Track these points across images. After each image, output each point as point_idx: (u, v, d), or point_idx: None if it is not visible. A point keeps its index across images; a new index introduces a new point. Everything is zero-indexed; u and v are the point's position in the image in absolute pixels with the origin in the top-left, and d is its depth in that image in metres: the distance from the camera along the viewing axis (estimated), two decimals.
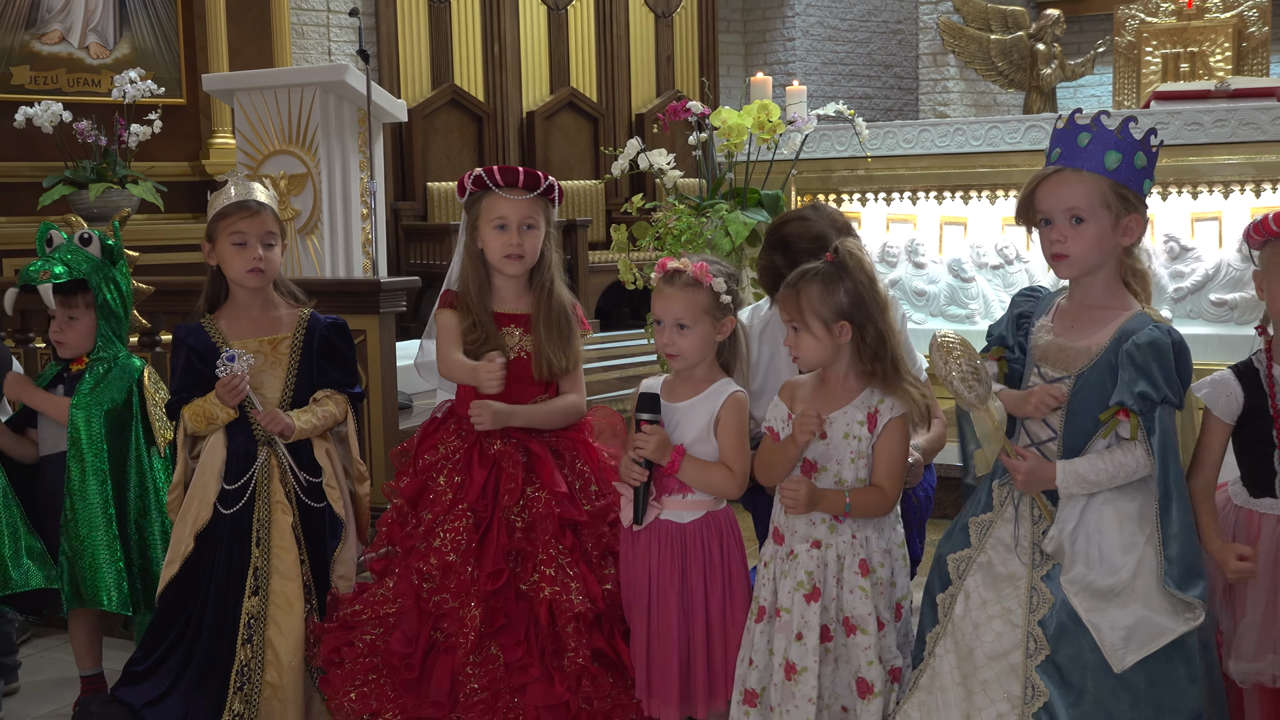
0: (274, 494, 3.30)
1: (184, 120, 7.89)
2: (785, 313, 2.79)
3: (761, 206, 5.25)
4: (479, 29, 9.43)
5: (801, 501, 2.70)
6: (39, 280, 3.46)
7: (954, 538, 2.73)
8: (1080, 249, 2.57)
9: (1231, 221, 5.23)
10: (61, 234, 3.53)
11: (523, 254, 3.15)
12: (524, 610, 3.04)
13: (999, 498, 2.68)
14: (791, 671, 2.73)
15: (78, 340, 3.53)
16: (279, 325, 3.39)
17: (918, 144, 5.64)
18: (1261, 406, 2.60)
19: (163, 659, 3.29)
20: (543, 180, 3.14)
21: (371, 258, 5.66)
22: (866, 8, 11.91)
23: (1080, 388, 2.56)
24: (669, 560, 2.94)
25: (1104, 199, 2.55)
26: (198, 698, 3.21)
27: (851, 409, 2.78)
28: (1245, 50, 10.05)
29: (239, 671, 3.21)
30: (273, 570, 3.27)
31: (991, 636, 2.57)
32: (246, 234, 3.30)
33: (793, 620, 2.75)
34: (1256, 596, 2.60)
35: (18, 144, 7.06)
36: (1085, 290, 2.64)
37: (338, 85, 5.51)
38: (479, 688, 3.03)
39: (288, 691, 3.21)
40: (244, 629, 3.23)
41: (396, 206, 8.80)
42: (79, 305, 3.51)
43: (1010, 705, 2.52)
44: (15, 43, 7.35)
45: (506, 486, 3.08)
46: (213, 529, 3.26)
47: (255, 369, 3.27)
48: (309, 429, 3.29)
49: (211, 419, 3.27)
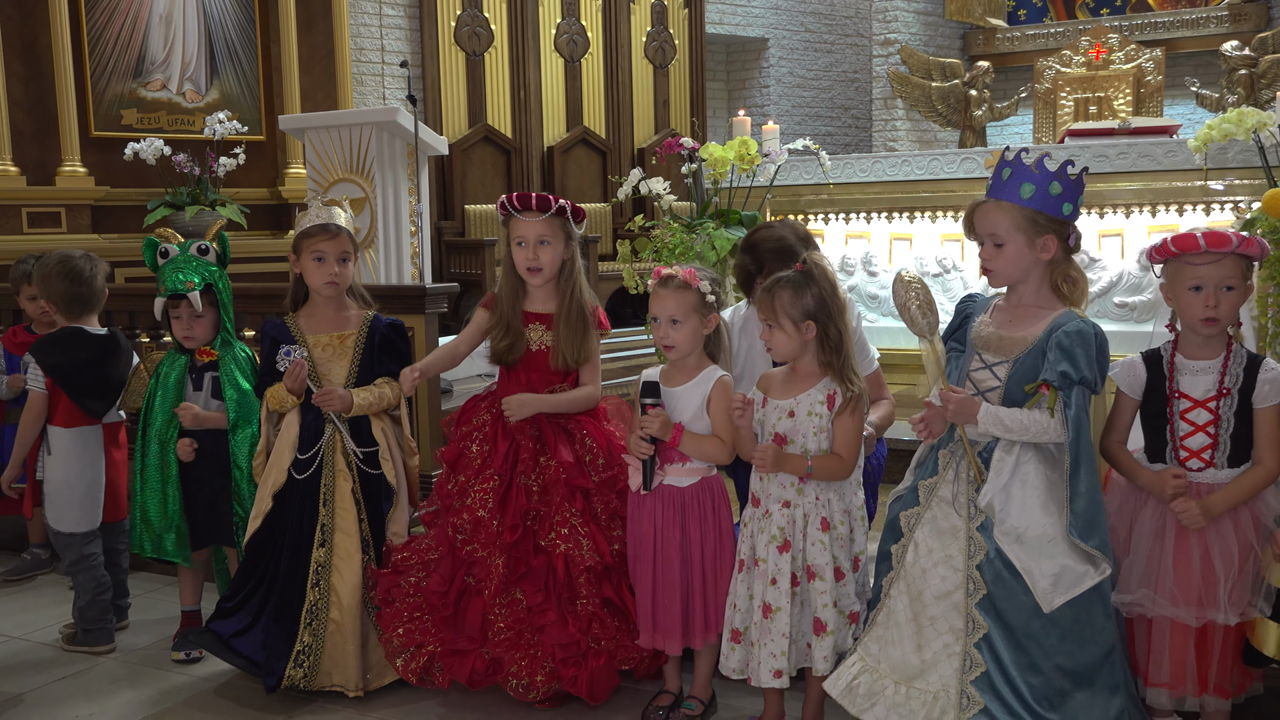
0: (337, 463, 3.31)
1: (263, 154, 7.89)
2: (762, 313, 2.80)
3: (742, 225, 5.24)
4: (508, 78, 9.42)
5: (769, 462, 2.73)
6: (186, 290, 3.47)
7: (905, 499, 2.73)
8: (1001, 265, 2.63)
9: (1132, 237, 5.22)
10: (174, 246, 3.52)
11: (540, 266, 3.14)
12: (543, 563, 3.05)
13: (943, 463, 2.68)
14: (768, 611, 2.74)
15: (204, 333, 3.56)
16: (348, 324, 3.40)
17: (871, 173, 5.64)
18: (1160, 387, 2.61)
19: (247, 598, 3.32)
20: (553, 203, 3.11)
21: (418, 267, 5.65)
22: (829, 60, 11.89)
23: (1016, 370, 2.58)
24: (671, 518, 2.95)
25: (1019, 225, 2.58)
26: (275, 629, 3.24)
27: (814, 391, 2.79)
28: (1143, 95, 10.04)
29: (308, 610, 3.23)
30: (336, 527, 3.28)
31: (937, 580, 2.58)
32: (326, 252, 3.31)
33: (768, 569, 2.76)
34: (1140, 541, 2.61)
35: (127, 173, 7.07)
36: (1019, 294, 2.67)
37: (390, 124, 5.50)
38: (504, 626, 3.05)
39: (348, 627, 3.22)
40: (312, 574, 3.25)
41: (439, 225, 8.79)
42: (206, 304, 3.53)
43: (954, 636, 2.53)
44: (125, 90, 7.36)
45: (522, 456, 3.09)
46: (288, 490, 3.28)
47: (324, 360, 3.28)
48: (364, 405, 3.29)
49: (282, 401, 3.29)
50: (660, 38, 10.33)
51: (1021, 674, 2.46)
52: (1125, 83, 10.00)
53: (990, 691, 2.45)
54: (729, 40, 11.38)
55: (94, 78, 7.25)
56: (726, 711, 3.10)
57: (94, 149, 7.17)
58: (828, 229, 5.76)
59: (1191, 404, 2.58)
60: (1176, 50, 10.39)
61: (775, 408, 2.82)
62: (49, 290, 3.69)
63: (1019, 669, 2.47)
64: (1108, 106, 10.01)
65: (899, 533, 2.69)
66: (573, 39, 9.79)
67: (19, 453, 3.69)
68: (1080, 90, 10.18)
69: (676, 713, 3.04)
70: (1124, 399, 2.69)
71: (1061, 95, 10.26)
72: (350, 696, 3.23)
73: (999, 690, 2.45)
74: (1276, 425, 2.53)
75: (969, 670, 2.48)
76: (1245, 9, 10.23)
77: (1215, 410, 2.55)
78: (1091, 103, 10.09)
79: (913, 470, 2.77)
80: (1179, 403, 2.59)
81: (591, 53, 9.91)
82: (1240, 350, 2.58)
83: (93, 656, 3.64)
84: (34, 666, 3.58)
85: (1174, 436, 2.59)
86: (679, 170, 5.39)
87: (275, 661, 3.20)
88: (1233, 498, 2.52)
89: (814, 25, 11.76)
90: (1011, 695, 2.44)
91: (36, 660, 3.64)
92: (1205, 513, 2.50)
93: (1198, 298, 2.55)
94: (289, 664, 3.19)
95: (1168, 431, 2.60)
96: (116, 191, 7.20)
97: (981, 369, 2.64)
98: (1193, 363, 2.60)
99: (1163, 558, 2.56)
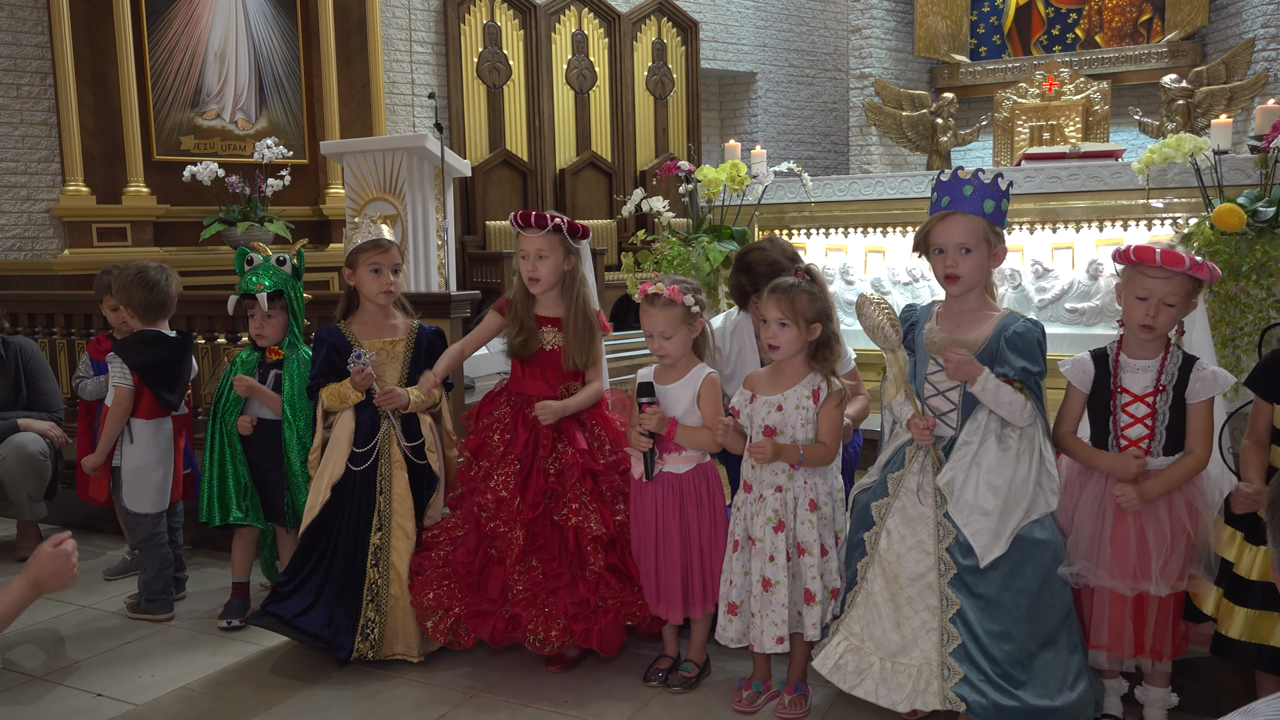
0: (393, 455, 3.28)
1: (306, 175, 7.89)
2: (778, 312, 2.76)
3: (733, 239, 5.24)
4: (524, 107, 9.42)
5: (768, 455, 2.72)
6: (257, 290, 3.50)
7: (873, 490, 2.72)
8: (968, 271, 2.60)
9: (1081, 250, 5.21)
10: (259, 255, 3.57)
11: (538, 277, 3.12)
12: (557, 535, 3.05)
13: (909, 457, 2.68)
14: (768, 585, 2.74)
15: (274, 333, 3.58)
16: (396, 330, 3.39)
17: (849, 193, 5.63)
18: (1106, 382, 2.61)
19: (304, 580, 3.27)
20: (549, 220, 3.09)
21: (444, 276, 5.66)
22: (810, 92, 11.88)
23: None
24: (671, 503, 2.95)
25: (984, 235, 2.57)
26: (339, 607, 3.20)
27: (800, 387, 2.79)
28: (1092, 123, 10.02)
29: (369, 588, 3.20)
30: (393, 512, 3.25)
31: (911, 563, 2.57)
32: (381, 264, 3.30)
33: (765, 547, 2.75)
34: (1083, 518, 2.61)
35: (185, 193, 7.08)
36: (963, 301, 2.66)
37: (419, 149, 5.50)
38: (523, 589, 3.05)
39: (408, 601, 3.20)
40: (371, 556, 3.22)
41: (463, 239, 8.79)
42: (276, 308, 3.55)
43: (931, 614, 2.52)
44: (183, 119, 7.36)
45: (542, 443, 3.09)
46: (345, 482, 3.24)
47: (377, 364, 3.28)
48: (418, 404, 3.28)
49: (344, 398, 3.26)
50: (660, 72, 10.33)
51: (994, 642, 2.45)
52: (1075, 112, 9.99)
53: (968, 661, 2.45)
54: (721, 74, 11.38)
55: (156, 108, 7.25)
56: (719, 674, 3.09)
57: (156, 171, 7.18)
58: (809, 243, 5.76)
59: (1132, 398, 2.57)
60: (1121, 83, 10.38)
61: (764, 403, 2.81)
62: (129, 298, 3.68)
63: (991, 638, 2.46)
64: (1060, 133, 9.99)
65: (870, 521, 2.68)
66: (582, 73, 9.79)
67: (106, 443, 3.68)
68: (1035, 119, 10.16)
69: (675, 674, 3.04)
70: (1074, 392, 2.68)
71: (1018, 123, 10.24)
72: (414, 663, 3.21)
73: (975, 659, 2.44)
74: (1206, 419, 2.53)
75: (947, 643, 2.47)
76: (1183, 46, 10.21)
77: (1153, 405, 2.55)
78: (1045, 130, 10.07)
79: (880, 468, 2.76)
80: (1121, 397, 2.59)
81: (599, 85, 9.91)
82: (1177, 352, 2.58)
83: (155, 624, 3.65)
84: (102, 633, 3.58)
85: (1116, 427, 2.58)
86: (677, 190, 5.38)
87: (343, 636, 3.17)
88: (1167, 483, 2.52)
89: (797, 61, 11.75)
90: (986, 662, 2.44)
91: (105, 627, 3.64)
92: (1141, 496, 2.50)
93: (1141, 306, 2.55)
94: (356, 638, 3.16)
95: (1110, 422, 2.60)
96: (176, 209, 7.22)
97: (938, 371, 2.63)
98: (1135, 361, 2.59)
99: (1102, 534, 2.55)
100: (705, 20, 10.83)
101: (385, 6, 8.52)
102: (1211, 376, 2.52)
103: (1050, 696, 2.42)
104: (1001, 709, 2.39)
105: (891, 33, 11.26)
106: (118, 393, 3.65)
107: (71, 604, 3.85)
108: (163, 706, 3.00)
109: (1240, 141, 8.30)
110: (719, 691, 2.98)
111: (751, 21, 11.29)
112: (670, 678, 3.03)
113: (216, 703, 3.01)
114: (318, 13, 7.80)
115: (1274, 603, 2.37)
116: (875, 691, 2.52)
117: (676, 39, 10.46)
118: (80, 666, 3.29)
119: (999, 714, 2.40)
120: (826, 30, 11.87)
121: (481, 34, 9.14)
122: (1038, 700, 2.40)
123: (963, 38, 11.28)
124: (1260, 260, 3.91)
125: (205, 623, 3.65)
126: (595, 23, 9.87)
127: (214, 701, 3.02)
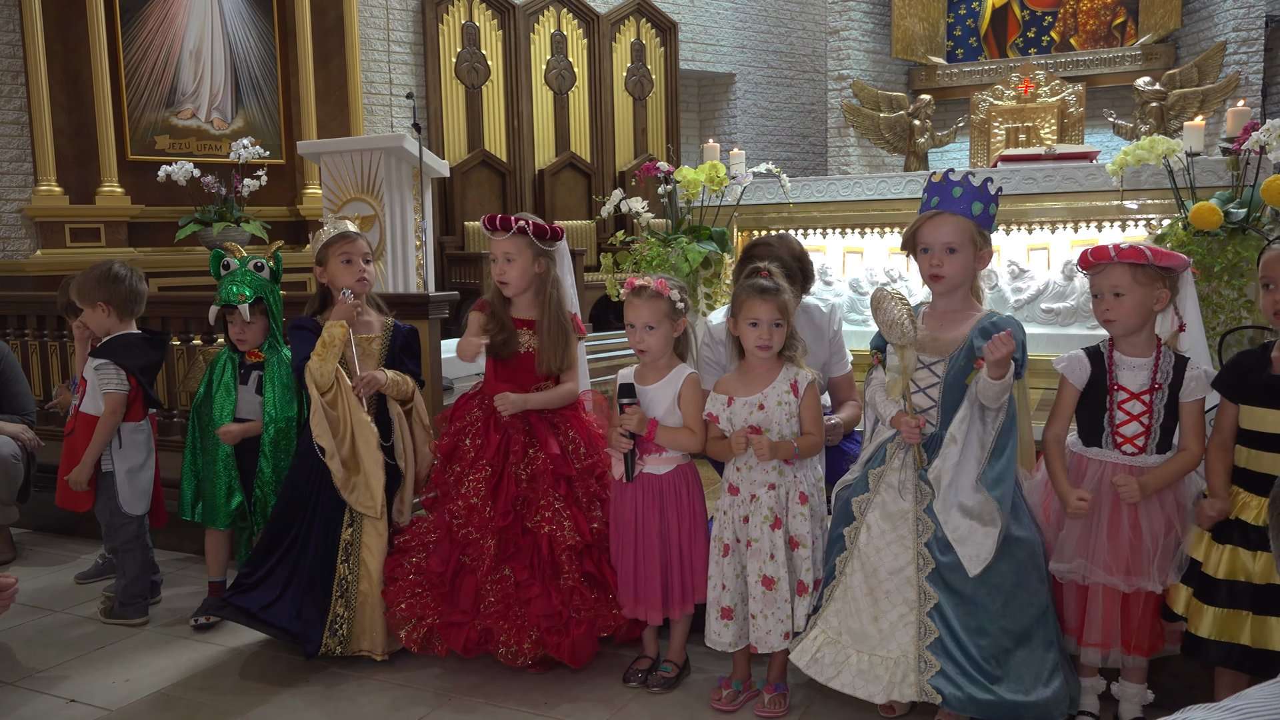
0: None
1: (283, 176, 7.84)
2: (775, 313, 2.77)
3: (712, 239, 5.24)
4: (503, 108, 9.40)
5: (766, 454, 2.73)
6: (238, 302, 3.47)
7: (854, 486, 2.73)
8: (952, 271, 2.61)
9: (1057, 250, 5.25)
10: (235, 260, 3.53)
11: (507, 280, 3.11)
12: (529, 542, 3.02)
13: (890, 453, 2.68)
14: (771, 583, 2.73)
15: (255, 338, 3.56)
16: (370, 327, 3.37)
17: (827, 194, 5.65)
18: (1101, 379, 2.62)
19: (269, 572, 3.25)
20: (514, 223, 3.07)
21: (423, 277, 5.63)
22: (789, 94, 11.91)
23: (952, 367, 2.58)
24: (651, 503, 2.94)
25: (970, 236, 2.58)
26: (308, 600, 3.18)
27: (778, 383, 2.79)
28: (1067, 125, 10.11)
29: (339, 583, 3.19)
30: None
31: (890, 557, 2.57)
32: (351, 254, 3.30)
33: (764, 546, 2.74)
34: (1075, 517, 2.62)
35: (160, 193, 7.02)
36: (947, 301, 2.67)
37: (397, 150, 5.47)
38: (495, 600, 3.02)
39: (376, 598, 3.19)
40: (342, 551, 3.20)
41: (442, 239, 8.76)
42: (257, 313, 3.52)
43: (909, 607, 2.52)
44: (158, 118, 7.30)
45: (513, 449, 3.06)
46: (318, 474, 3.21)
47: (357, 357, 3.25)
48: (390, 385, 3.28)
49: (332, 340, 3.17)
50: (639, 73, 10.33)
51: (970, 637, 2.47)
52: (1050, 114, 10.07)
53: (944, 654, 2.46)
54: (700, 75, 11.39)
55: (130, 107, 7.18)
56: (698, 674, 3.09)
57: (130, 171, 7.12)
58: None
59: (1128, 395, 2.59)
60: (1096, 85, 10.47)
61: (744, 404, 2.81)
62: (111, 295, 3.58)
63: (968, 633, 2.47)
64: (1035, 135, 10.07)
65: (850, 516, 2.69)
66: (561, 74, 9.77)
67: (94, 453, 3.53)
68: (1011, 120, 10.24)
69: (654, 675, 3.03)
70: (1069, 389, 2.69)
71: (994, 125, 10.31)
72: (378, 660, 3.20)
73: (951, 653, 2.45)
74: (1199, 417, 2.56)
75: (924, 637, 2.48)
76: (1156, 49, 10.31)
77: (1149, 402, 2.57)
78: (1021, 131, 10.15)
79: (862, 464, 2.77)
80: (1117, 394, 2.60)
81: (578, 86, 9.90)
82: (1168, 351, 2.61)
83: (129, 629, 3.60)
84: (74, 638, 3.54)
85: (1112, 423, 2.60)
86: (656, 191, 5.38)
87: (311, 630, 3.15)
88: (1163, 478, 2.54)
89: (776, 63, 11.78)
90: (963, 656, 2.45)
91: (77, 634, 3.59)
92: (1141, 489, 2.53)
93: (1099, 304, 2.60)
94: (325, 632, 3.15)
95: (1105, 419, 2.61)
96: (151, 209, 7.15)
97: (921, 368, 2.64)
98: (1130, 359, 2.61)
99: (1097, 531, 2.57)
100: (684, 21, 10.84)
101: (363, 6, 8.47)
102: (1204, 376, 2.56)
103: (1025, 692, 2.43)
104: (977, 702, 2.41)
105: (869, 35, 11.32)
106: (113, 399, 3.53)
107: (43, 609, 3.80)
108: (138, 712, 2.96)
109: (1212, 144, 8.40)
110: (698, 691, 2.97)
111: (730, 23, 11.31)
112: (650, 678, 3.02)
113: (192, 709, 2.97)
114: (294, 12, 7.75)
115: (1241, 601, 2.39)
116: (852, 683, 2.52)
117: (655, 40, 10.46)
118: (52, 671, 3.24)
119: (974, 707, 2.41)
120: (805, 32, 11.91)
121: (460, 34, 9.11)
122: (1013, 695, 2.42)
123: (940, 40, 11.35)
124: (1232, 261, 3.96)
125: (179, 625, 3.60)
126: (574, 23, 9.86)
127: (189, 708, 2.98)
